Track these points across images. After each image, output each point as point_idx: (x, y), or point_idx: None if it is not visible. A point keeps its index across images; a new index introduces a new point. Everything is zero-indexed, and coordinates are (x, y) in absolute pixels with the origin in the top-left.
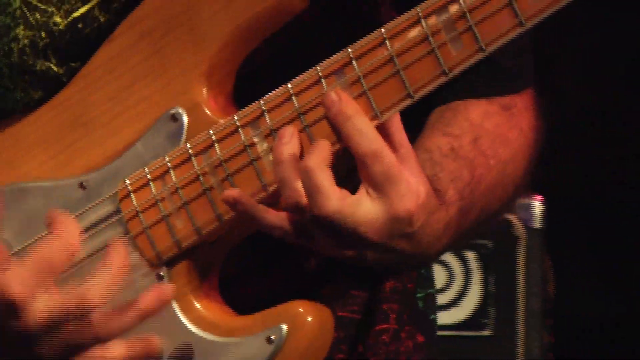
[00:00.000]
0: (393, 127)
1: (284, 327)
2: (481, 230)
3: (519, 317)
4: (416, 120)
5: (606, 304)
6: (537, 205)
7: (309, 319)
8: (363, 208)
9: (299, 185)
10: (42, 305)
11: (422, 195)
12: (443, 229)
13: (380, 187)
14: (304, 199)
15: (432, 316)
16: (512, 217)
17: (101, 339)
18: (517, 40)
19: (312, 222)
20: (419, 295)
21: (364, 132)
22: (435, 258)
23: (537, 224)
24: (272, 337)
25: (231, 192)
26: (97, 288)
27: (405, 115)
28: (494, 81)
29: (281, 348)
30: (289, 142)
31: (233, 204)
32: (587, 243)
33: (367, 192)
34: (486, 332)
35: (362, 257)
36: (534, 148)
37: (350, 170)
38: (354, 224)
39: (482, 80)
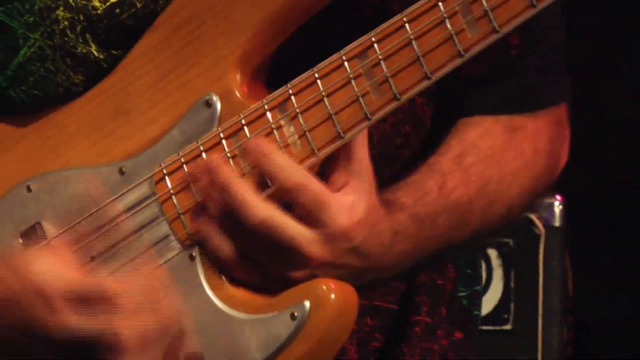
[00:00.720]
0: (357, 143)
1: (307, 303)
2: (478, 243)
3: (538, 313)
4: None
5: (624, 302)
6: (557, 204)
7: (332, 296)
8: (297, 229)
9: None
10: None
11: (359, 211)
12: (391, 237)
13: (311, 215)
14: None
15: (476, 312)
16: (532, 216)
17: None
18: (546, 53)
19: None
20: (461, 293)
21: (284, 167)
22: (401, 268)
23: (557, 222)
24: (296, 313)
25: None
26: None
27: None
28: (511, 97)
29: (304, 324)
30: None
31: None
32: (606, 242)
33: (301, 220)
34: (507, 327)
35: (314, 277)
36: (539, 171)
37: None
38: (289, 238)
39: (500, 94)
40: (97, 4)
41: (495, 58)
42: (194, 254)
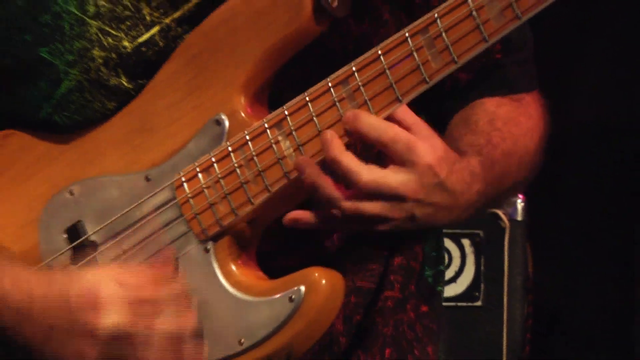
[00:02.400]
0: (402, 113)
1: (302, 288)
2: (509, 195)
3: (504, 292)
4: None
5: (574, 283)
6: (519, 201)
7: (323, 281)
8: (393, 176)
9: (326, 180)
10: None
11: (438, 150)
12: (470, 176)
13: (404, 158)
14: (334, 190)
15: (439, 288)
16: (499, 211)
17: None
18: (522, 52)
19: (352, 207)
20: (427, 273)
21: (377, 126)
22: (476, 207)
23: (519, 217)
24: (293, 296)
25: (302, 158)
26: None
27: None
28: (501, 87)
29: (300, 306)
30: (309, 164)
31: (302, 167)
32: (560, 234)
33: (394, 166)
34: (478, 303)
35: (411, 219)
36: (542, 130)
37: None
38: (390, 188)
39: (490, 88)
40: (127, 44)
41: (482, 63)
42: (208, 247)
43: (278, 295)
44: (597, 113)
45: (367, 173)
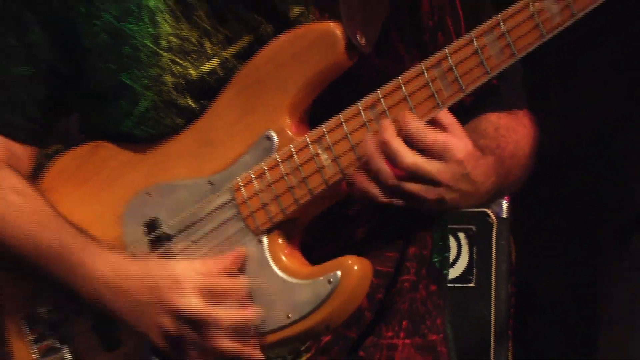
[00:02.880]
0: (443, 115)
1: (339, 273)
2: (513, 188)
3: (492, 276)
4: None
5: (549, 266)
6: (504, 202)
7: (355, 267)
8: (431, 163)
9: (380, 155)
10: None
11: (468, 147)
12: (488, 169)
13: (440, 155)
14: (384, 164)
15: (445, 271)
16: (488, 210)
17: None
18: (514, 78)
19: (397, 184)
20: (435, 259)
21: (421, 129)
22: (488, 197)
23: (504, 215)
24: (331, 280)
25: (368, 134)
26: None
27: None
28: (499, 105)
29: (337, 287)
30: (370, 137)
31: (366, 139)
32: (537, 228)
33: (433, 159)
34: (471, 285)
35: (441, 201)
36: (533, 138)
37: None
38: (427, 172)
39: (491, 106)
40: (192, 72)
41: (482, 88)
42: (261, 239)
43: (319, 279)
44: (567, 128)
45: (411, 157)
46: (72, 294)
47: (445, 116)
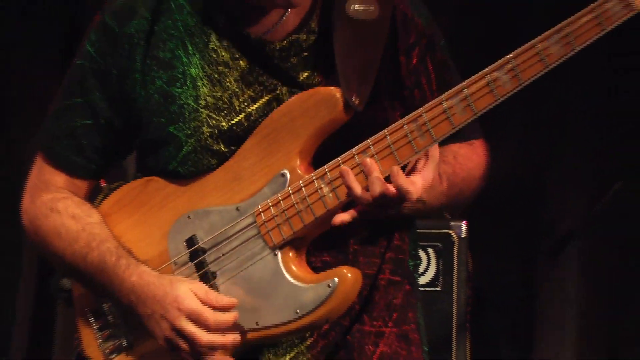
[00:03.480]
0: (431, 151)
1: (336, 279)
2: (465, 204)
3: (454, 282)
4: None
5: (496, 275)
6: (464, 225)
7: (349, 275)
8: (411, 187)
9: (385, 185)
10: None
11: (427, 182)
12: (440, 195)
13: (406, 191)
14: (390, 189)
15: (416, 275)
16: (450, 231)
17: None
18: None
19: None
20: (410, 263)
21: (405, 182)
22: (439, 211)
23: (463, 235)
24: (330, 284)
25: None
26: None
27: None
28: (459, 137)
29: (335, 290)
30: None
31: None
32: (490, 245)
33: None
34: (438, 288)
35: (414, 209)
36: (485, 164)
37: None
38: (397, 200)
39: (453, 138)
40: (224, 124)
41: None
42: (276, 253)
43: (321, 283)
44: (507, 163)
45: (384, 189)
46: (112, 298)
47: (434, 149)
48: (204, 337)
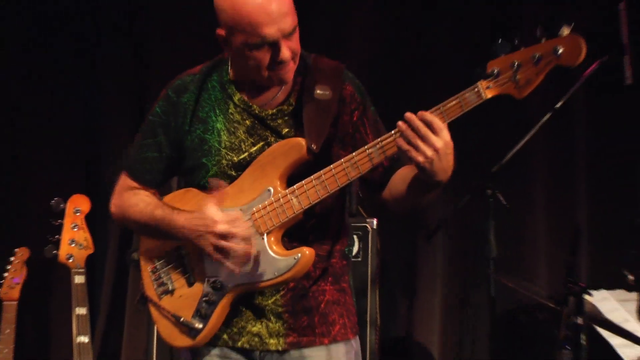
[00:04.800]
0: (433, 119)
1: (299, 254)
2: (426, 204)
3: (369, 255)
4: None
5: (394, 253)
6: (375, 220)
7: (307, 252)
8: (439, 136)
9: (419, 141)
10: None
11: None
12: (452, 163)
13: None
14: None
15: (350, 256)
16: (368, 225)
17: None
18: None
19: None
20: (346, 249)
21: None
22: (444, 183)
23: (374, 227)
24: (295, 257)
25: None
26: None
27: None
28: (401, 163)
29: (298, 261)
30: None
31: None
32: (389, 233)
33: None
34: (359, 259)
35: (431, 161)
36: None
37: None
38: (435, 142)
39: (398, 165)
40: (235, 158)
41: (389, 160)
42: (263, 237)
43: (290, 257)
44: None
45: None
46: (172, 237)
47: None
48: (231, 230)
